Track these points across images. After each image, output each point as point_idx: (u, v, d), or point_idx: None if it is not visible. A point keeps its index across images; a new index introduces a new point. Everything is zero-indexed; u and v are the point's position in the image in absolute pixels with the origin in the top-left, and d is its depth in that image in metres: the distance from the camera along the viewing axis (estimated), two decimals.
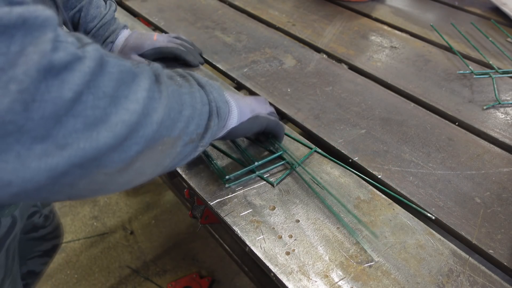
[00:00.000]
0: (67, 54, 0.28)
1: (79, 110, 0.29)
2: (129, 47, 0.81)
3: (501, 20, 1.15)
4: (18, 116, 0.26)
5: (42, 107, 0.27)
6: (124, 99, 0.32)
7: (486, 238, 0.55)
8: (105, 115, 0.30)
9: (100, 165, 0.31)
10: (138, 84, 0.33)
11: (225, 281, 1.41)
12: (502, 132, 0.74)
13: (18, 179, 0.27)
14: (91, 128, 0.29)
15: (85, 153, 0.29)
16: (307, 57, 0.95)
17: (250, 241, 0.52)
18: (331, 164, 0.65)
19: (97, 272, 1.44)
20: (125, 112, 0.31)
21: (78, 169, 0.29)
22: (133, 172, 0.35)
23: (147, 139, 0.34)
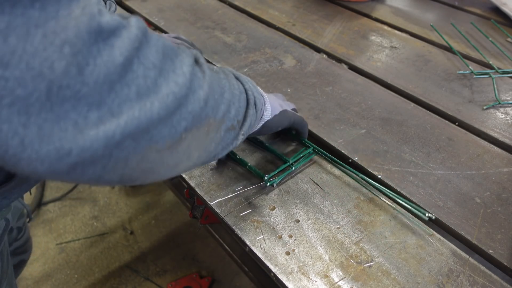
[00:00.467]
0: (113, 20, 0.28)
1: (131, 79, 0.29)
2: None
3: (501, 20, 1.15)
4: (74, 80, 0.26)
5: (96, 71, 0.27)
6: (172, 73, 0.32)
7: (486, 238, 0.55)
8: (156, 86, 0.30)
9: (151, 138, 0.31)
10: (182, 61, 0.33)
11: (225, 281, 1.41)
12: (502, 132, 0.74)
13: (78, 148, 0.27)
14: (144, 97, 0.29)
15: (139, 123, 0.29)
16: (307, 57, 0.95)
17: (250, 241, 0.52)
18: (331, 164, 0.65)
19: (97, 272, 1.44)
20: (175, 84, 0.31)
21: (131, 141, 0.29)
22: (181, 153, 0.35)
23: (195, 115, 0.34)
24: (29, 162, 0.26)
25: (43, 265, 1.45)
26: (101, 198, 1.70)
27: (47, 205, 1.67)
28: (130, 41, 0.29)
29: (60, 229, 1.58)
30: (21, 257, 0.87)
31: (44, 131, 0.26)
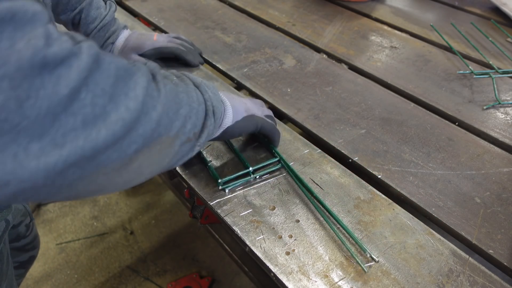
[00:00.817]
0: (62, 49, 0.28)
1: (77, 108, 0.28)
2: (130, 47, 0.81)
3: (501, 20, 1.15)
4: (12, 114, 0.25)
5: (38, 104, 0.26)
6: (124, 96, 0.31)
7: (486, 238, 0.55)
8: (105, 113, 0.30)
9: (98, 164, 0.30)
10: (136, 82, 0.33)
11: (225, 281, 1.41)
12: (502, 132, 0.74)
13: (16, 180, 0.27)
14: (90, 126, 0.29)
15: (84, 152, 0.29)
16: (307, 57, 0.95)
17: (250, 241, 0.52)
18: (331, 164, 0.65)
19: (97, 272, 1.44)
20: (125, 109, 0.31)
21: (76, 169, 0.29)
22: (132, 172, 0.35)
23: (146, 137, 0.33)
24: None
25: (43, 265, 1.45)
26: (101, 198, 1.70)
27: (47, 205, 1.67)
28: (79, 70, 0.28)
29: (60, 229, 1.58)
30: (30, 253, 0.88)
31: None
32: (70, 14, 0.73)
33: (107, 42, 0.80)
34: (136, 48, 0.81)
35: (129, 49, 0.81)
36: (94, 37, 0.78)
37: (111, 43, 0.80)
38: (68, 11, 0.73)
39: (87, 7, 0.75)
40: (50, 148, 0.27)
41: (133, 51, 0.81)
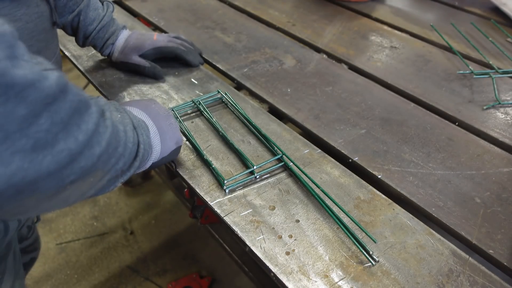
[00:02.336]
0: (32, 73, 0.28)
1: (33, 131, 0.29)
2: (130, 47, 0.81)
3: (501, 20, 1.15)
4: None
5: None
6: (76, 128, 0.32)
7: (486, 238, 0.55)
8: (55, 141, 0.30)
9: (35, 189, 0.31)
10: (90, 116, 0.34)
11: (225, 281, 1.41)
12: (502, 132, 0.74)
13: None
14: (38, 151, 0.29)
15: (26, 175, 0.29)
16: (307, 57, 0.95)
17: (250, 241, 0.52)
18: (331, 164, 0.65)
19: (97, 272, 1.44)
20: (74, 140, 0.32)
21: (13, 191, 0.29)
22: (60, 200, 0.36)
23: (85, 170, 0.34)
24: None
25: (43, 265, 1.45)
26: (101, 198, 1.70)
27: None
28: (43, 96, 0.29)
29: (60, 229, 1.58)
30: (31, 255, 0.88)
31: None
32: (68, 17, 0.73)
33: (107, 43, 0.79)
34: (137, 48, 0.81)
35: (129, 49, 0.81)
36: (93, 39, 0.78)
37: (111, 43, 0.80)
38: (66, 14, 0.72)
39: (85, 9, 0.74)
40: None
41: (134, 51, 0.81)
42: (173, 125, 0.57)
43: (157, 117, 0.55)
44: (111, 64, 0.86)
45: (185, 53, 0.85)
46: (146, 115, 0.55)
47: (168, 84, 0.82)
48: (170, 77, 0.84)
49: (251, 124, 0.71)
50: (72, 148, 0.32)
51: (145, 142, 0.48)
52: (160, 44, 0.82)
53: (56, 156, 0.31)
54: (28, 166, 0.29)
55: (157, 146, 0.54)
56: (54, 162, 0.31)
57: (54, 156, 0.30)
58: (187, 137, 0.68)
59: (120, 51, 0.82)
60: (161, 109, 0.58)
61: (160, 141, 0.54)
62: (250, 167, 0.61)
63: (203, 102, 0.75)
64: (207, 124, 0.72)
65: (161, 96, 0.78)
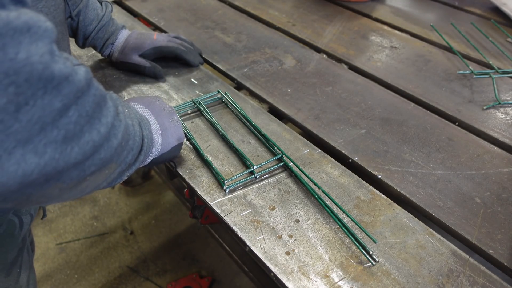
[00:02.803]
0: (66, 67, 0.30)
1: (64, 123, 0.30)
2: (130, 47, 0.81)
3: (501, 20, 1.15)
4: (9, 116, 0.27)
5: (32, 111, 0.28)
6: (98, 121, 0.34)
7: (486, 238, 0.55)
8: (81, 133, 0.32)
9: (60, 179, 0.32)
10: (108, 110, 0.36)
11: (225, 281, 1.41)
12: (502, 132, 0.74)
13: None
14: (67, 142, 0.31)
15: (57, 165, 0.31)
16: (307, 57, 0.95)
17: (250, 241, 0.52)
18: (331, 164, 0.65)
19: (97, 272, 1.44)
20: (97, 133, 0.34)
21: (43, 180, 0.31)
22: (78, 190, 0.37)
23: (104, 161, 0.36)
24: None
25: (43, 265, 1.45)
26: (101, 198, 1.70)
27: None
28: (75, 90, 0.30)
29: (60, 229, 1.58)
30: None
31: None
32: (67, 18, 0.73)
33: (106, 43, 0.79)
34: (136, 48, 0.81)
35: (129, 49, 0.81)
36: (93, 39, 0.78)
37: (111, 43, 0.80)
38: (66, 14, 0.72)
39: (84, 9, 0.74)
40: (31, 155, 0.29)
41: (134, 50, 0.81)
42: (175, 121, 0.58)
43: (160, 114, 0.56)
44: (111, 64, 0.86)
45: (185, 53, 0.85)
46: (149, 111, 0.56)
47: (168, 84, 0.82)
48: (170, 77, 0.84)
49: (251, 124, 0.71)
50: (95, 139, 0.33)
51: (148, 137, 0.49)
52: (160, 43, 0.82)
53: (83, 147, 0.32)
54: (59, 157, 0.30)
55: (158, 142, 0.55)
56: (81, 153, 0.32)
57: (81, 148, 0.32)
58: (187, 137, 0.68)
59: (120, 51, 0.81)
60: (164, 106, 0.59)
61: (161, 137, 0.55)
62: (250, 167, 0.61)
63: (203, 102, 0.75)
64: (207, 124, 0.72)
65: (161, 96, 0.78)
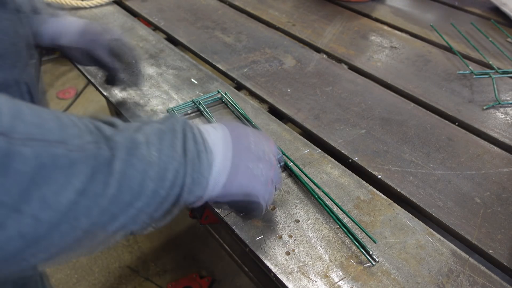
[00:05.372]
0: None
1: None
2: (92, 31, 0.66)
3: (501, 20, 1.15)
4: None
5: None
6: (38, 202, 0.24)
7: (486, 238, 0.55)
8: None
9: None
10: (70, 178, 0.26)
11: (225, 281, 1.41)
12: (502, 132, 0.74)
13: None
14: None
15: None
16: (307, 57, 0.95)
17: (250, 241, 0.52)
18: (331, 164, 0.65)
19: (97, 272, 1.44)
20: (31, 222, 0.24)
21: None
22: (58, 259, 0.29)
23: (60, 247, 0.27)
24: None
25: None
26: None
27: None
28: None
29: None
30: None
31: None
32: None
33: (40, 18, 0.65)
34: (99, 35, 0.67)
35: (92, 34, 0.66)
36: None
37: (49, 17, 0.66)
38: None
39: None
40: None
41: (94, 38, 0.66)
42: (257, 169, 0.43)
43: (243, 153, 0.42)
44: None
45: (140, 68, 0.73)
46: (231, 143, 0.42)
47: (168, 84, 0.82)
48: (170, 77, 0.84)
49: (251, 124, 0.71)
50: (27, 231, 0.24)
51: (195, 182, 0.37)
52: (123, 39, 0.69)
53: (5, 246, 0.24)
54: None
55: (216, 187, 0.41)
56: (2, 255, 0.24)
57: (1, 248, 0.24)
58: None
59: (81, 34, 0.66)
60: (259, 147, 0.44)
61: (225, 183, 0.41)
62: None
63: (203, 102, 0.75)
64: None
65: (161, 96, 0.78)
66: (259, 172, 0.43)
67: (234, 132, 0.43)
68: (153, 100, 0.77)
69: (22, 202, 0.24)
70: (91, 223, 0.28)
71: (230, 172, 0.41)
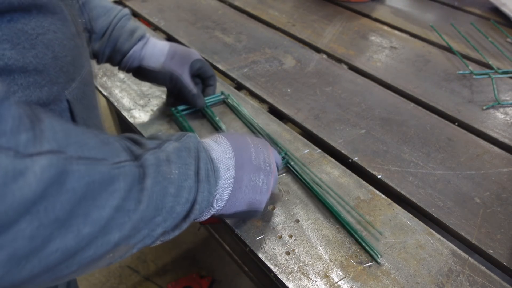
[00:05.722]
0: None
1: (8, 240, 0.22)
2: (180, 54, 0.68)
3: (501, 20, 1.15)
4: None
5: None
6: (82, 219, 0.25)
7: (486, 238, 0.55)
8: (44, 243, 0.24)
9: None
10: (111, 196, 0.27)
11: (225, 281, 1.41)
12: (501, 132, 0.75)
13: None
14: (18, 261, 0.23)
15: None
16: (307, 57, 0.95)
17: (250, 241, 0.52)
18: (331, 164, 0.65)
19: (97, 272, 1.44)
20: (74, 236, 0.25)
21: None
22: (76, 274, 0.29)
23: (92, 259, 0.28)
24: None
25: None
26: None
27: None
28: (16, 203, 0.21)
29: None
30: None
31: None
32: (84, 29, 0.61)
33: (133, 38, 0.66)
34: (186, 57, 0.68)
35: (180, 57, 0.68)
36: (112, 33, 0.64)
37: (139, 39, 0.66)
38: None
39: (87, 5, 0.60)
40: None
41: (184, 61, 0.68)
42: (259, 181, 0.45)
43: (244, 166, 0.44)
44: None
45: (215, 79, 0.74)
46: (233, 157, 0.43)
47: None
48: None
49: (254, 126, 0.71)
50: (69, 246, 0.25)
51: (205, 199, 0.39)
52: (202, 59, 0.70)
53: (45, 260, 0.24)
54: (2, 276, 0.22)
55: (220, 202, 0.43)
56: (41, 266, 0.24)
57: (42, 261, 0.24)
58: None
59: (170, 56, 0.67)
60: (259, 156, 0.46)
61: (229, 197, 0.43)
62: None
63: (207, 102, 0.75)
64: (210, 127, 0.72)
65: (161, 96, 0.78)
66: (261, 183, 0.45)
67: (235, 144, 0.44)
68: (153, 100, 0.77)
69: (71, 218, 0.24)
70: (122, 238, 0.29)
71: (234, 186, 0.43)
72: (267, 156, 0.47)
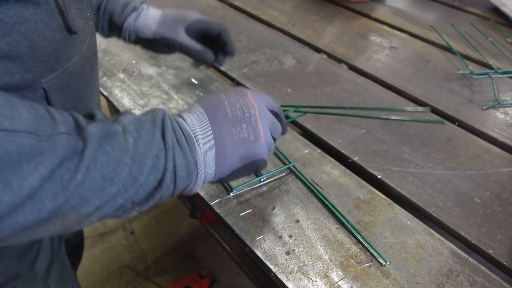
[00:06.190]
0: None
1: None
2: (172, 17, 0.66)
3: (501, 20, 1.15)
4: None
5: None
6: (1, 186, 0.27)
7: (486, 238, 0.55)
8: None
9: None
10: (35, 165, 0.28)
11: (225, 281, 1.41)
12: (501, 132, 0.75)
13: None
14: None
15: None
16: (307, 57, 0.95)
17: (250, 241, 0.52)
18: (331, 164, 0.65)
19: (97, 272, 1.44)
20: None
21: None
22: (26, 236, 0.31)
23: (28, 224, 0.29)
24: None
25: None
26: None
27: None
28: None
29: None
30: (75, 239, 0.90)
31: None
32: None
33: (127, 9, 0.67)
34: (181, 19, 0.66)
35: (172, 20, 0.66)
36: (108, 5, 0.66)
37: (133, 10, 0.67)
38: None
39: None
40: None
41: (178, 23, 0.66)
42: (244, 131, 0.43)
43: (221, 122, 0.42)
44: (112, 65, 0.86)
45: (229, 34, 0.70)
46: (207, 119, 0.42)
47: (168, 84, 0.82)
48: (169, 76, 0.84)
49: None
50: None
51: (179, 168, 0.37)
52: (204, 17, 0.67)
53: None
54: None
55: (208, 167, 0.41)
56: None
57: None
58: None
59: (160, 22, 0.66)
60: (234, 107, 0.43)
61: (216, 159, 0.41)
62: (260, 175, 0.61)
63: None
64: None
65: (161, 96, 0.78)
66: (245, 133, 0.43)
67: (207, 106, 0.43)
68: (153, 100, 0.77)
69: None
70: (57, 206, 0.29)
71: (217, 147, 0.41)
72: (244, 104, 0.44)
